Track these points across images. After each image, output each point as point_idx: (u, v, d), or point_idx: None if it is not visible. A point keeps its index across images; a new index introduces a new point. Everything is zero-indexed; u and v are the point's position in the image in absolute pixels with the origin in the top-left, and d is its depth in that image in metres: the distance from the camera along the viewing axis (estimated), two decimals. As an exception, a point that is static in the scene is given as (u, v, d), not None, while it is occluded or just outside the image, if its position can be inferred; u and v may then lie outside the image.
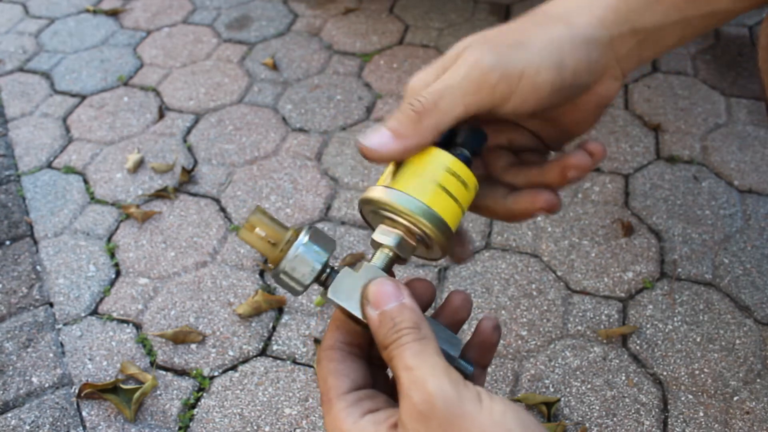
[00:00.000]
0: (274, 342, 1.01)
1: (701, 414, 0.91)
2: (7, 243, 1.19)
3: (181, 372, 0.98)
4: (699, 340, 0.99)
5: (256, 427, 0.91)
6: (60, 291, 1.10)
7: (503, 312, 1.04)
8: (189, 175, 1.29)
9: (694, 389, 0.94)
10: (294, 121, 1.43)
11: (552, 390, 0.94)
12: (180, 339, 1.01)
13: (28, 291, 1.10)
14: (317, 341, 1.01)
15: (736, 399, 0.92)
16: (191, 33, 1.73)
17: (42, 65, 1.64)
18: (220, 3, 1.85)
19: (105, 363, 0.99)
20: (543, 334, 1.01)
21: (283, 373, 0.97)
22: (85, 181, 1.31)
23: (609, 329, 1.01)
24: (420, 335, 0.35)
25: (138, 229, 1.20)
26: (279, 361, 0.99)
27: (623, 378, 0.95)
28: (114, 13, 1.83)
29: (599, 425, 0.90)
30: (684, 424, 0.90)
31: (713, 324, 1.01)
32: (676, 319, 1.02)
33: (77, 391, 0.95)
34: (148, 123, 1.45)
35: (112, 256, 1.15)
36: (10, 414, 0.93)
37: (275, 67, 1.58)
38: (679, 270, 1.09)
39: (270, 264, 0.38)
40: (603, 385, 0.94)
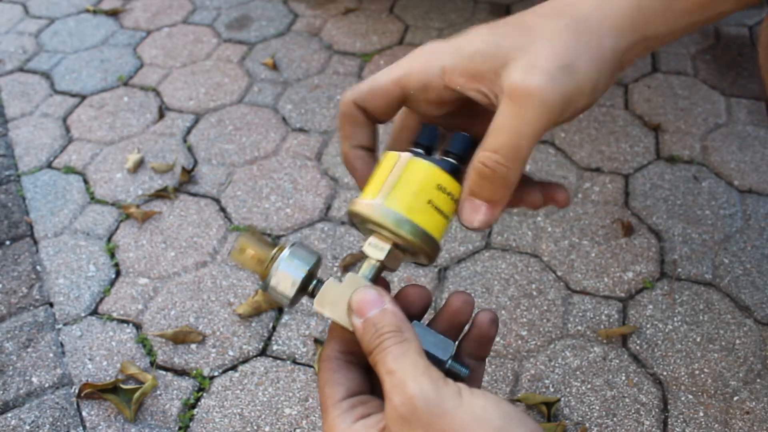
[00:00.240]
0: (274, 342, 1.01)
1: (701, 414, 0.91)
2: (7, 243, 1.19)
3: (181, 372, 0.98)
4: (699, 340, 0.99)
5: (256, 427, 0.91)
6: (60, 291, 1.10)
7: (503, 312, 1.04)
8: (189, 175, 1.29)
9: (694, 389, 0.94)
10: (294, 121, 1.43)
11: (552, 390, 0.94)
12: (180, 339, 1.01)
13: (28, 291, 1.10)
14: (317, 341, 1.01)
15: (736, 399, 0.92)
16: (191, 33, 1.73)
17: (42, 65, 1.64)
18: (220, 3, 1.85)
19: (105, 363, 0.99)
20: (543, 334, 1.01)
21: (283, 373, 0.97)
22: (85, 181, 1.31)
23: (609, 329, 1.01)
24: (401, 338, 0.35)
25: (138, 229, 1.20)
26: (279, 361, 0.99)
27: (623, 378, 0.95)
28: (114, 13, 1.83)
29: (599, 425, 0.90)
30: (684, 424, 0.90)
31: (713, 324, 1.01)
32: (676, 319, 1.02)
33: (77, 391, 0.95)
34: (148, 123, 1.45)
35: (112, 256, 1.15)
36: (10, 414, 0.93)
37: (275, 67, 1.58)
38: (679, 270, 1.09)
39: (261, 281, 0.40)
40: (603, 385, 0.94)
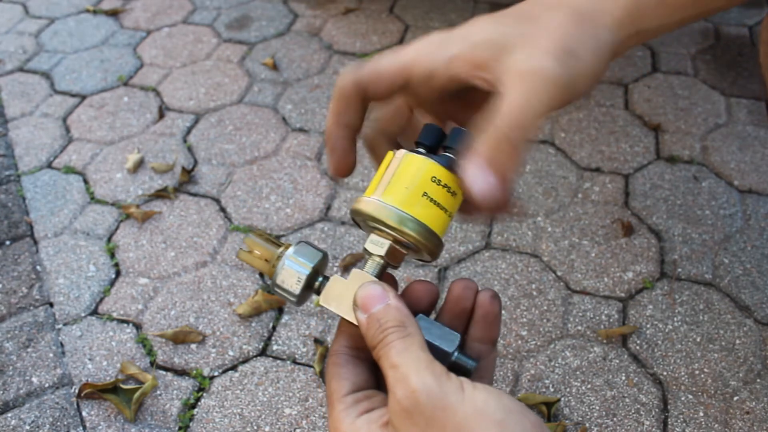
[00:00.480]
0: (274, 342, 1.01)
1: (701, 414, 0.91)
2: (7, 243, 1.19)
3: (181, 372, 0.98)
4: (699, 340, 0.99)
5: (256, 427, 0.91)
6: (60, 291, 1.10)
7: (503, 312, 1.04)
8: (189, 175, 1.29)
9: (694, 389, 0.94)
10: (294, 121, 1.43)
11: (552, 390, 0.94)
12: (180, 339, 1.01)
13: (28, 291, 1.10)
14: (317, 341, 1.01)
15: (736, 399, 0.92)
16: (191, 33, 1.73)
17: (42, 65, 1.64)
18: (220, 3, 1.85)
19: (105, 363, 0.99)
20: (543, 334, 1.01)
21: (283, 373, 0.97)
22: (85, 181, 1.31)
23: (609, 329, 1.01)
24: (405, 333, 0.36)
25: (138, 229, 1.20)
26: (279, 361, 0.99)
27: (623, 378, 0.95)
28: (114, 13, 1.83)
29: (599, 425, 0.90)
30: (684, 424, 0.90)
31: (713, 324, 1.01)
32: (676, 319, 1.02)
33: (77, 391, 0.95)
34: (148, 123, 1.45)
35: (112, 256, 1.15)
36: (10, 414, 0.93)
37: (275, 67, 1.58)
38: (679, 270, 1.09)
39: (268, 280, 0.41)
40: (603, 385, 0.94)
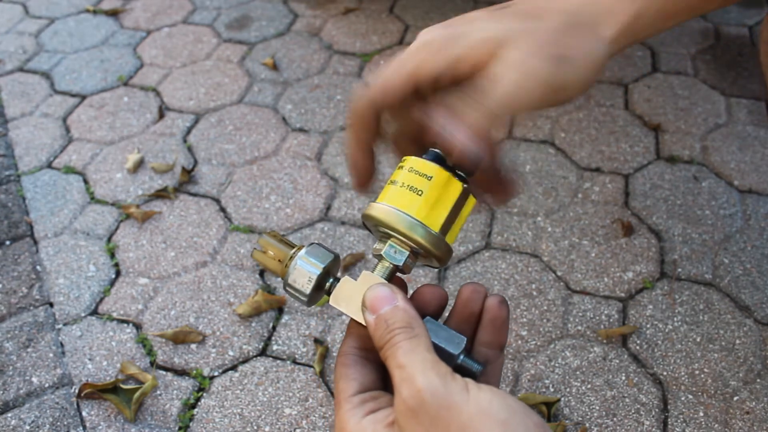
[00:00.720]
0: (274, 342, 1.01)
1: (701, 414, 0.91)
2: (7, 243, 1.19)
3: (181, 372, 0.98)
4: (699, 340, 0.99)
5: (256, 427, 0.91)
6: (60, 291, 1.10)
7: (503, 312, 1.04)
8: (189, 175, 1.29)
9: (694, 389, 0.94)
10: (294, 121, 1.43)
11: (552, 390, 0.94)
12: (180, 339, 1.01)
13: (28, 291, 1.10)
14: (317, 341, 1.01)
15: (736, 399, 0.92)
16: (191, 33, 1.73)
17: (42, 65, 1.64)
18: (220, 3, 1.85)
19: (105, 363, 0.99)
20: (543, 334, 1.01)
21: (283, 373, 0.97)
22: (85, 181, 1.31)
23: (609, 329, 1.01)
24: (412, 334, 0.36)
25: (138, 229, 1.20)
26: (279, 361, 0.99)
27: (623, 378, 0.95)
28: (114, 13, 1.83)
29: (599, 425, 0.90)
30: (684, 424, 0.90)
31: (713, 324, 1.01)
32: (676, 319, 1.02)
33: (77, 391, 0.95)
34: (148, 123, 1.45)
35: (112, 256, 1.15)
36: (10, 414, 0.93)
37: (275, 67, 1.58)
38: (679, 270, 1.09)
39: (281, 280, 0.42)
40: (603, 385, 0.94)
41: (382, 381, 0.40)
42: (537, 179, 1.26)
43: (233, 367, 0.98)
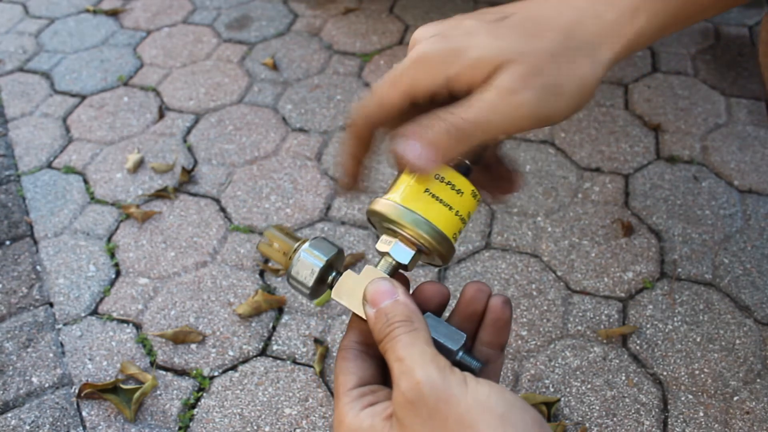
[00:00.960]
0: (274, 342, 1.01)
1: (701, 414, 0.91)
2: (7, 243, 1.19)
3: (181, 372, 0.98)
4: (699, 340, 0.99)
5: (256, 427, 0.91)
6: (60, 291, 1.10)
7: (503, 312, 1.04)
8: (189, 175, 1.29)
9: (694, 389, 0.94)
10: (294, 121, 1.43)
11: (552, 390, 0.94)
12: (180, 339, 1.01)
13: (28, 291, 1.10)
14: (317, 341, 1.01)
15: (736, 399, 0.92)
16: (191, 33, 1.73)
17: (42, 65, 1.64)
18: (220, 3, 1.85)
19: (105, 363, 0.99)
20: (543, 334, 1.01)
21: (283, 373, 0.97)
22: (85, 181, 1.31)
23: (609, 329, 1.01)
24: (411, 327, 0.36)
25: (138, 229, 1.20)
26: (279, 361, 0.99)
27: (623, 378, 0.95)
28: (114, 13, 1.83)
29: (599, 425, 0.90)
30: (684, 424, 0.90)
31: (713, 324, 1.01)
32: (676, 319, 1.02)
33: (77, 391, 0.95)
34: (148, 123, 1.45)
35: (112, 256, 1.15)
36: (10, 414, 0.93)
37: (275, 67, 1.58)
38: (679, 270, 1.09)
39: (284, 272, 0.42)
40: (603, 385, 0.94)
41: (381, 376, 0.40)
42: (537, 179, 1.26)
43: (233, 367, 0.98)
